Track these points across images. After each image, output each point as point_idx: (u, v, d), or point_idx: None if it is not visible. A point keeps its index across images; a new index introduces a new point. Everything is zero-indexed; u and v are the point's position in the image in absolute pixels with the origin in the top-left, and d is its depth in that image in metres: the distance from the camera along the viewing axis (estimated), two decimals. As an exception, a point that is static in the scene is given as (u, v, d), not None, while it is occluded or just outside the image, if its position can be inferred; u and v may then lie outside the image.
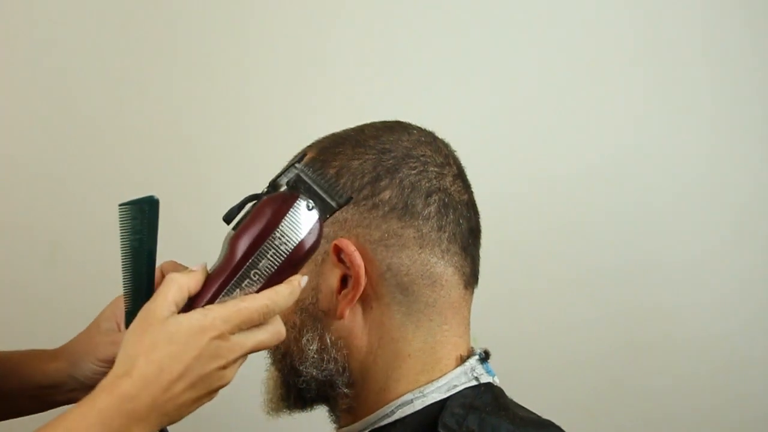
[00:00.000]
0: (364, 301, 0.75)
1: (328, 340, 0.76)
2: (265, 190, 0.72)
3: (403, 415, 0.75)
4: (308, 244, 0.68)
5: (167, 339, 0.63)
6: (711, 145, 1.50)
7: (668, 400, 1.48)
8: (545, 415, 0.78)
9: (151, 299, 0.66)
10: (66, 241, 1.45)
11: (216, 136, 1.48)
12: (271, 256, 0.67)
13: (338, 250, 0.74)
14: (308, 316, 0.77)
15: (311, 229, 0.68)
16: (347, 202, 0.71)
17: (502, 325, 1.41)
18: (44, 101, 1.46)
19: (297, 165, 0.71)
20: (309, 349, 0.76)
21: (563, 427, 0.77)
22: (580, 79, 1.49)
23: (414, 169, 0.76)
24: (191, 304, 0.67)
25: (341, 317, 0.75)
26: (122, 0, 1.47)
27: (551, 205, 1.49)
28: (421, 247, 0.75)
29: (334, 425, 0.80)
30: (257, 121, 1.48)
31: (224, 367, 0.65)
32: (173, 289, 0.66)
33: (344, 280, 0.75)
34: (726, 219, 1.50)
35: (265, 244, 0.67)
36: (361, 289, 0.74)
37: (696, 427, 1.49)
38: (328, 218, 0.70)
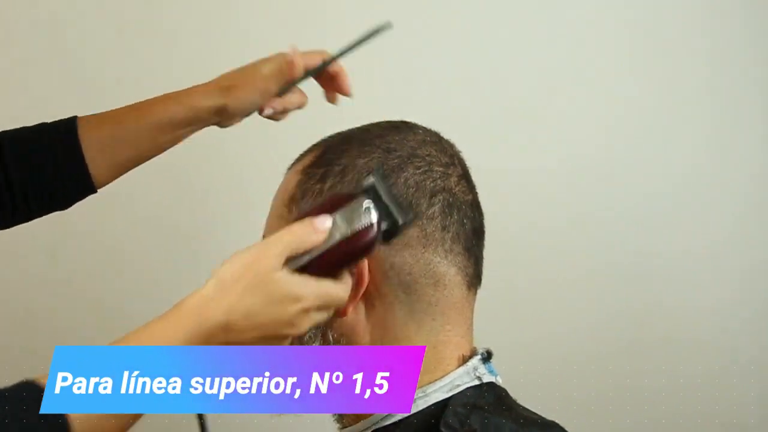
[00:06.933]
0: (367, 299, 0.75)
1: (331, 338, 0.76)
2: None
3: (405, 415, 0.74)
4: (357, 241, 0.69)
5: (265, 293, 0.67)
6: (711, 145, 1.51)
7: (669, 400, 1.48)
8: (545, 416, 0.78)
9: (264, 245, 0.68)
10: (66, 241, 1.45)
11: (215, 136, 1.48)
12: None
13: (342, 246, 0.74)
14: (311, 312, 0.77)
15: (364, 228, 0.69)
16: (411, 220, 0.72)
17: (503, 325, 1.41)
18: (44, 100, 1.46)
19: (373, 175, 0.72)
20: None
21: (566, 428, 0.77)
22: (579, 80, 1.50)
23: (419, 169, 0.76)
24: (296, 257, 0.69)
25: (344, 315, 0.75)
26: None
27: (551, 205, 1.49)
28: (424, 247, 0.75)
29: (337, 425, 0.80)
30: (259, 121, 1.48)
31: (291, 335, 0.69)
32: (286, 241, 0.68)
33: None
34: (726, 219, 1.51)
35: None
36: (364, 286, 0.74)
37: (696, 427, 1.49)
38: (392, 232, 0.71)
